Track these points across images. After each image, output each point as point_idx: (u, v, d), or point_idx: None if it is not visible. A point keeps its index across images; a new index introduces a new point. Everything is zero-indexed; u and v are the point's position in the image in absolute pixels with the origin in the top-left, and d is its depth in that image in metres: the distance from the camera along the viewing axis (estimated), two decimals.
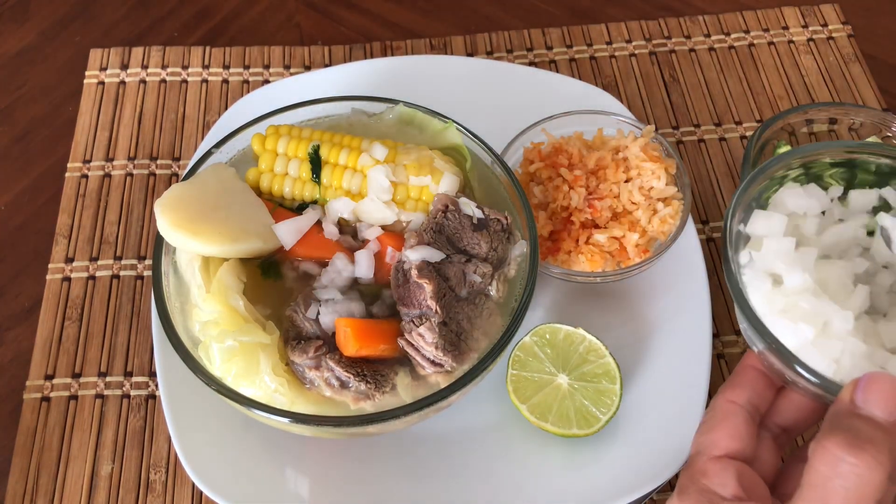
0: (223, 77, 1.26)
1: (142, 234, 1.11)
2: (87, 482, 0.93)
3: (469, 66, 1.21)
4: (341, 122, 0.99)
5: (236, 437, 0.91)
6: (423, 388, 0.81)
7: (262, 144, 0.93)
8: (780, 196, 0.78)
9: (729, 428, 0.66)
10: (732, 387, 0.70)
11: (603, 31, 1.31)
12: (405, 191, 0.89)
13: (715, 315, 1.03)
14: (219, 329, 0.80)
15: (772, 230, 0.74)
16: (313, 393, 0.81)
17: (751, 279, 0.72)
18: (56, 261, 1.08)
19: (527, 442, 0.91)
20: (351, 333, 0.80)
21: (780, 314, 0.69)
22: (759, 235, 0.75)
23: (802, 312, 0.68)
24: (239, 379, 0.79)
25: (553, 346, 0.93)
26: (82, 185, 1.15)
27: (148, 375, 1.00)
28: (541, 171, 1.01)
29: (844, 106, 1.07)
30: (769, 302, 0.70)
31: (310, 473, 0.90)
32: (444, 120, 0.95)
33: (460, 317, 0.82)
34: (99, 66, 1.26)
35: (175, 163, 1.17)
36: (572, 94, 1.15)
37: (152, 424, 0.96)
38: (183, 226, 0.82)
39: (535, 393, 0.91)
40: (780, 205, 0.77)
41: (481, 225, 0.87)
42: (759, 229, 0.75)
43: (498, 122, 1.04)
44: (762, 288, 0.71)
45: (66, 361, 1.01)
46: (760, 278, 0.71)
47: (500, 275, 0.86)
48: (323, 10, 1.36)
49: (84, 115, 1.21)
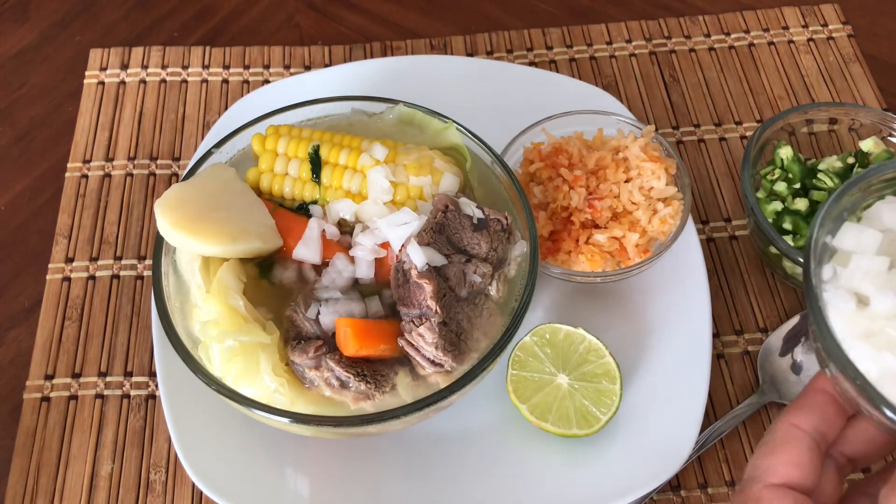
0: (223, 77, 1.26)
1: (142, 234, 1.11)
2: (87, 482, 0.93)
3: (469, 66, 1.21)
4: (341, 122, 0.99)
5: (236, 437, 0.91)
6: (423, 388, 0.81)
7: (262, 144, 0.93)
8: (876, 209, 0.69)
9: (790, 454, 0.61)
10: (798, 409, 0.64)
11: (603, 31, 1.30)
12: (405, 191, 0.89)
13: (715, 315, 1.03)
14: (219, 329, 0.80)
15: (863, 246, 0.67)
16: (313, 393, 0.81)
17: (832, 297, 0.65)
18: (56, 261, 1.08)
19: (527, 442, 0.91)
20: (351, 333, 0.79)
21: (862, 339, 0.62)
22: (848, 250, 0.67)
23: (888, 340, 0.62)
24: (239, 379, 0.79)
25: (553, 346, 0.93)
26: (82, 185, 1.15)
27: (148, 375, 0.99)
28: (541, 171, 1.01)
29: (844, 106, 1.07)
30: (851, 324, 0.63)
31: (310, 473, 0.90)
32: (444, 120, 0.95)
33: (460, 317, 0.82)
34: (99, 66, 1.26)
35: (175, 163, 1.17)
36: (572, 94, 1.15)
37: (152, 424, 0.96)
38: (183, 226, 0.82)
39: (535, 393, 0.91)
40: (875, 219, 0.68)
41: (481, 225, 0.87)
42: (848, 243, 0.67)
43: (498, 122, 1.04)
44: (844, 308, 0.64)
45: (66, 361, 1.01)
46: (843, 297, 0.64)
47: (500, 275, 0.86)
48: (323, 10, 1.36)
49: (84, 115, 1.21)
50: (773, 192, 1.04)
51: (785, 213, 1.00)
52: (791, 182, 1.03)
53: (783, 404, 0.96)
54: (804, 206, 1.00)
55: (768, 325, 1.03)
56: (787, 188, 1.02)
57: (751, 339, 1.03)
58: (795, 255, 0.95)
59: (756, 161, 1.04)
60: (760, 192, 1.05)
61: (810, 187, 1.03)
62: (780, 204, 1.01)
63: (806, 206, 1.00)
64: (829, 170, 1.03)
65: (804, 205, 1.00)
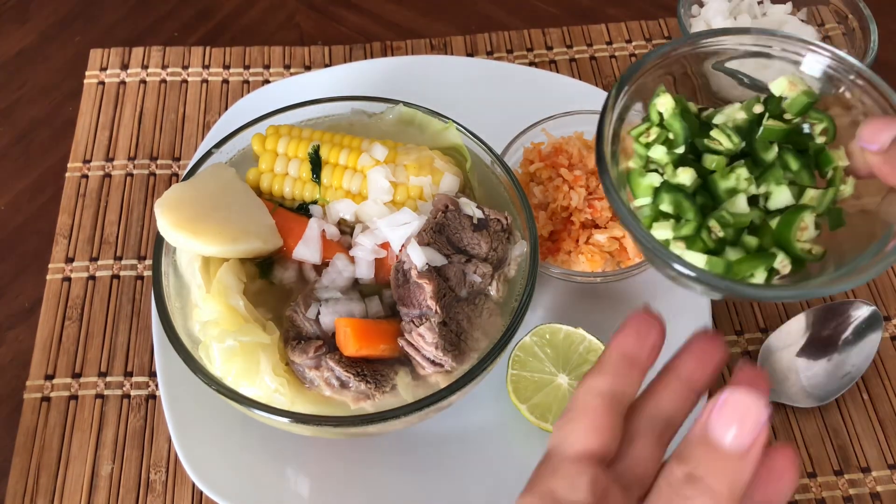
0: (223, 77, 1.26)
1: (142, 234, 1.11)
2: (87, 482, 0.93)
3: (469, 66, 1.21)
4: (341, 123, 0.99)
5: (236, 437, 0.91)
6: (423, 388, 0.81)
7: (262, 144, 0.93)
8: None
9: (589, 419, 0.57)
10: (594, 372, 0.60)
11: (603, 31, 1.31)
12: (405, 191, 0.89)
13: (715, 315, 1.03)
14: (219, 329, 0.80)
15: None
16: (313, 393, 0.81)
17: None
18: (56, 261, 1.08)
19: (527, 442, 0.91)
20: (351, 333, 0.80)
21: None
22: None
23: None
24: (239, 379, 0.79)
25: (553, 346, 0.93)
26: (82, 185, 1.15)
27: (148, 375, 1.00)
28: (541, 171, 1.01)
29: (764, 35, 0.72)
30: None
31: (310, 473, 0.90)
32: (445, 120, 0.95)
33: (460, 317, 0.82)
34: (99, 67, 1.26)
35: (175, 163, 1.17)
36: (572, 94, 1.15)
37: (152, 424, 0.96)
38: (183, 226, 0.82)
39: (535, 393, 0.91)
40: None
41: (481, 225, 0.87)
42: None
43: (498, 123, 1.04)
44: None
45: (66, 361, 1.01)
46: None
47: (500, 275, 0.86)
48: (323, 10, 1.36)
49: (84, 116, 1.21)
50: (651, 161, 0.71)
51: (663, 190, 0.67)
52: (672, 145, 0.69)
53: (784, 404, 0.96)
54: (689, 180, 0.66)
55: (768, 325, 1.03)
56: (668, 154, 0.69)
57: (751, 338, 1.03)
58: (669, 258, 0.63)
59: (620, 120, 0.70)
60: (634, 160, 0.71)
61: (703, 150, 0.69)
62: (657, 177, 0.68)
63: (693, 179, 0.66)
64: (728, 124, 0.70)
65: (689, 177, 0.66)
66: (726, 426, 0.50)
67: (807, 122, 0.69)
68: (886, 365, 1.00)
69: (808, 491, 0.93)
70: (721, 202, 0.66)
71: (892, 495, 0.92)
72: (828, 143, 0.68)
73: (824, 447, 0.95)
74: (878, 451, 0.95)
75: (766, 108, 0.70)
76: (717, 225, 0.64)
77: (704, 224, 0.64)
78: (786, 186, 0.66)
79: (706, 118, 0.72)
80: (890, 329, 1.03)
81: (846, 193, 0.67)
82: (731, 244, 0.65)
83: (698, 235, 0.64)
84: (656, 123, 0.70)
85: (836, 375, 0.97)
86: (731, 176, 0.66)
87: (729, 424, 0.50)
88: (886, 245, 0.62)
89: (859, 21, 1.15)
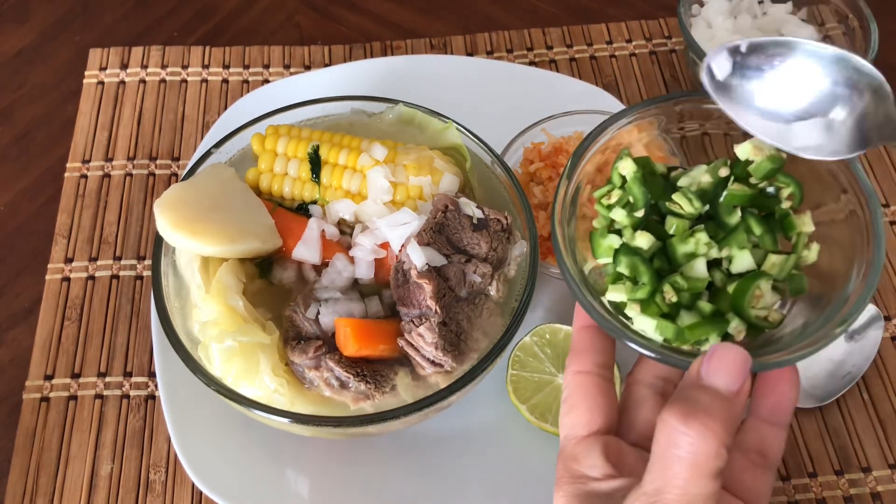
0: (223, 77, 1.26)
1: (141, 234, 1.11)
2: (87, 482, 0.93)
3: (469, 66, 1.21)
4: (341, 122, 0.99)
5: (236, 437, 0.91)
6: (423, 388, 0.81)
7: (261, 144, 0.93)
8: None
9: (586, 403, 0.63)
10: (573, 357, 0.65)
11: (603, 30, 1.30)
12: (405, 191, 0.89)
13: None
14: (218, 329, 0.80)
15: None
16: (313, 393, 0.81)
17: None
18: (55, 261, 1.08)
19: (527, 442, 0.91)
20: (351, 333, 0.79)
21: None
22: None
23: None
24: (239, 379, 0.79)
25: (553, 346, 0.93)
26: (82, 185, 1.15)
27: (147, 375, 0.99)
28: (541, 171, 1.01)
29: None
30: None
31: (309, 473, 0.90)
32: (444, 120, 0.95)
33: (460, 317, 0.82)
34: (98, 66, 1.26)
35: (174, 163, 1.17)
36: (572, 94, 1.15)
37: (152, 424, 0.96)
38: (182, 226, 0.82)
39: (535, 393, 0.91)
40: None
41: (481, 225, 0.87)
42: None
43: (498, 122, 1.04)
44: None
45: (65, 361, 1.00)
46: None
47: (500, 275, 0.86)
48: (323, 9, 1.36)
49: (83, 115, 1.21)
50: (613, 223, 0.70)
51: (621, 252, 0.67)
52: (633, 208, 0.68)
53: None
54: (647, 244, 0.66)
55: None
56: (628, 217, 0.68)
57: None
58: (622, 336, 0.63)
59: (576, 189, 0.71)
60: (598, 221, 0.71)
61: (666, 212, 0.68)
62: (617, 239, 0.68)
63: (650, 243, 0.66)
64: (692, 187, 0.68)
65: (646, 241, 0.66)
66: (716, 371, 0.55)
67: (774, 185, 0.67)
68: (887, 365, 1.00)
69: (808, 491, 0.93)
70: (679, 266, 0.66)
71: (892, 495, 0.92)
72: (794, 209, 0.67)
73: (825, 447, 0.95)
74: (879, 450, 0.95)
75: (731, 171, 0.68)
76: (671, 290, 0.64)
77: (659, 288, 0.64)
78: (748, 251, 0.65)
79: (674, 178, 0.70)
80: (890, 329, 1.03)
81: (809, 260, 0.66)
82: (686, 308, 0.65)
83: (652, 299, 0.64)
84: (618, 186, 0.70)
85: (837, 375, 0.97)
86: (689, 240, 0.65)
87: (719, 369, 0.55)
88: (839, 312, 0.61)
89: (859, 21, 1.15)
